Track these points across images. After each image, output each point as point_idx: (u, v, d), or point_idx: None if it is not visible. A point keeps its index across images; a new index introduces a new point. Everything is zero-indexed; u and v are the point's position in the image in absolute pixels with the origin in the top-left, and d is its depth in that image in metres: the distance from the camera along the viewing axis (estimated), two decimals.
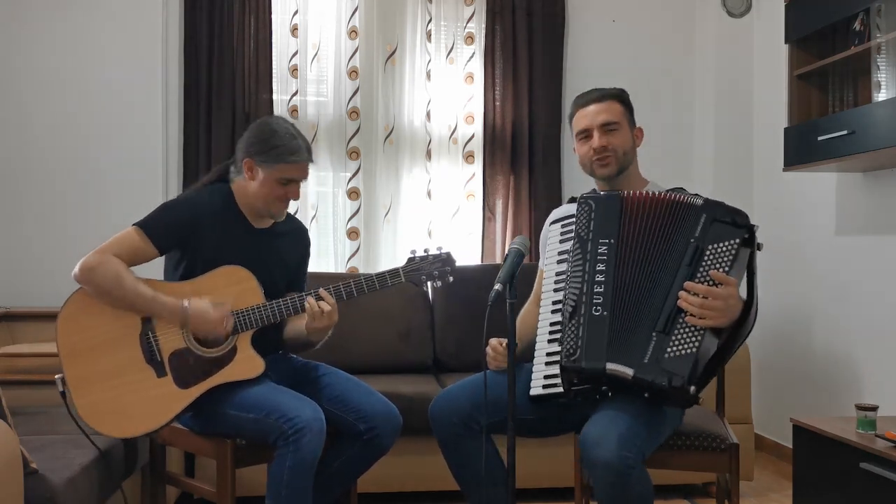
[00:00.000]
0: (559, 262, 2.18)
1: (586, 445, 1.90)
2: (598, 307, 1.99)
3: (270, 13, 3.99)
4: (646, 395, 1.98)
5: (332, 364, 2.52)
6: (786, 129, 3.39)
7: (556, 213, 2.37)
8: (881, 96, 3.00)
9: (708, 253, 1.98)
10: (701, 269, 1.97)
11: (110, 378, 2.22)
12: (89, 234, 2.52)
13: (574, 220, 2.16)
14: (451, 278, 2.35)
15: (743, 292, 2.01)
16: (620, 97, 2.31)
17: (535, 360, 2.13)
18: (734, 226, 1.99)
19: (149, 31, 3.89)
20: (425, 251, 2.36)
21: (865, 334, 3.39)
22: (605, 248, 2.04)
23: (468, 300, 3.55)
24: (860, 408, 2.59)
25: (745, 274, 2.02)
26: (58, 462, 2.12)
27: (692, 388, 1.91)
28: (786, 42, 3.41)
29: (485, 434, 2.12)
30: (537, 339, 2.15)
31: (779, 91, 3.69)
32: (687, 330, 1.94)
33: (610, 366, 1.96)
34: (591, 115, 2.27)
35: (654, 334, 1.95)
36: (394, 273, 2.31)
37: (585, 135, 2.28)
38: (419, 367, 3.61)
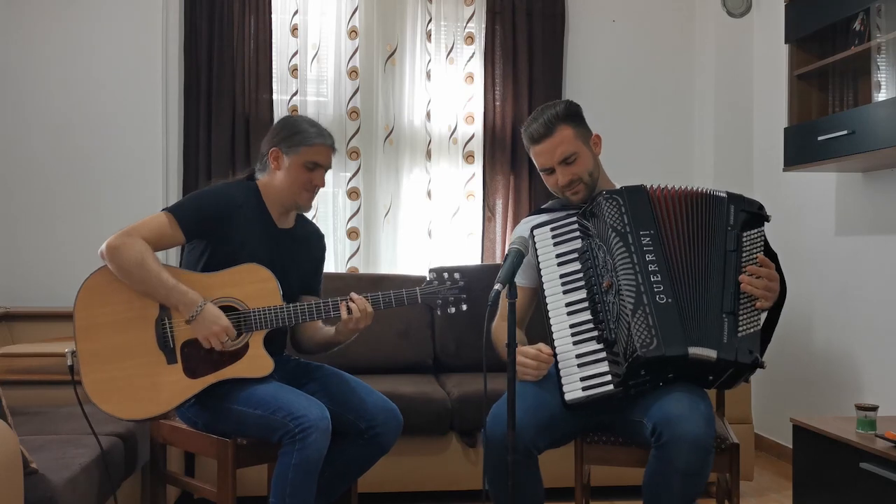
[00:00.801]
0: (560, 264, 2.18)
1: (671, 420, 1.90)
2: (662, 295, 2.02)
3: (270, 13, 3.99)
4: (710, 377, 2.06)
5: (332, 364, 2.53)
6: (786, 129, 3.39)
7: (531, 220, 2.33)
8: (881, 96, 3.00)
9: (744, 240, 2.09)
10: (745, 255, 2.08)
11: (120, 358, 2.23)
12: (89, 235, 2.52)
13: (568, 220, 2.20)
14: (465, 306, 2.40)
15: None
16: (567, 116, 2.23)
17: (561, 366, 2.08)
18: (757, 215, 2.13)
19: (149, 31, 3.89)
20: (446, 275, 2.40)
21: (865, 334, 3.39)
22: (647, 238, 2.09)
23: (468, 300, 3.54)
24: (860, 408, 2.59)
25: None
26: (58, 462, 2.12)
27: (763, 361, 2.02)
28: (786, 42, 3.41)
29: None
30: (557, 345, 2.10)
31: (779, 91, 3.69)
32: (749, 309, 2.04)
33: (693, 350, 1.98)
34: (547, 153, 2.23)
35: (724, 315, 2.02)
36: (411, 293, 2.35)
37: (548, 171, 2.27)
38: (419, 366, 3.60)
